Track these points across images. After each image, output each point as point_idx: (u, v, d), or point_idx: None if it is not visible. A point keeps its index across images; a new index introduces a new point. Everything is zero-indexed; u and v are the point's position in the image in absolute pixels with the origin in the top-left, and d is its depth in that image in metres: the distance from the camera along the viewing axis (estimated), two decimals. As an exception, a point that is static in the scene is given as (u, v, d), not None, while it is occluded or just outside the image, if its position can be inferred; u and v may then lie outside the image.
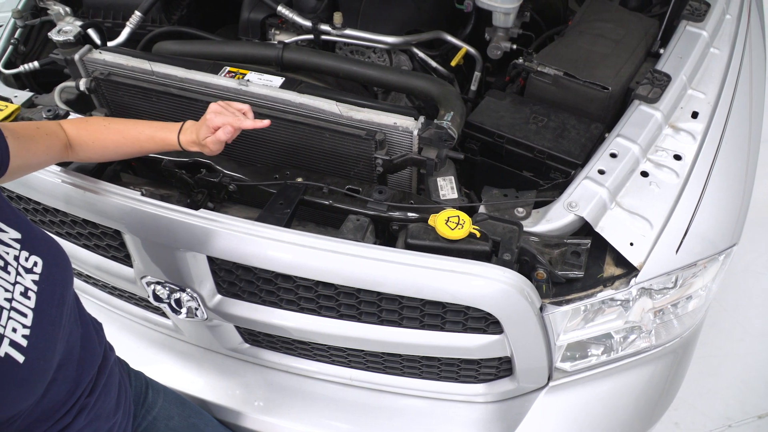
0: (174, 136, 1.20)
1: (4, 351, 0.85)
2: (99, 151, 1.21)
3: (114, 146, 1.21)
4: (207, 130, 1.17)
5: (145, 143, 1.21)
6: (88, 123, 1.20)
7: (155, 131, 1.21)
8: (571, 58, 1.56)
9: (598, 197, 1.29)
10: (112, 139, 1.20)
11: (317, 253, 1.16)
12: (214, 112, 1.17)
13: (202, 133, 1.17)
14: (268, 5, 1.75)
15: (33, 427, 0.97)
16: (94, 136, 1.19)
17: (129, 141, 1.20)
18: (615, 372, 1.46)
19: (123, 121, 1.23)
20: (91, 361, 1.08)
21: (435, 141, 1.30)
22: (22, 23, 1.73)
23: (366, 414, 1.50)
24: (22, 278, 0.92)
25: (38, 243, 0.97)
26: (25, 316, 0.90)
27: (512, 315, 1.19)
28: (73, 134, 1.17)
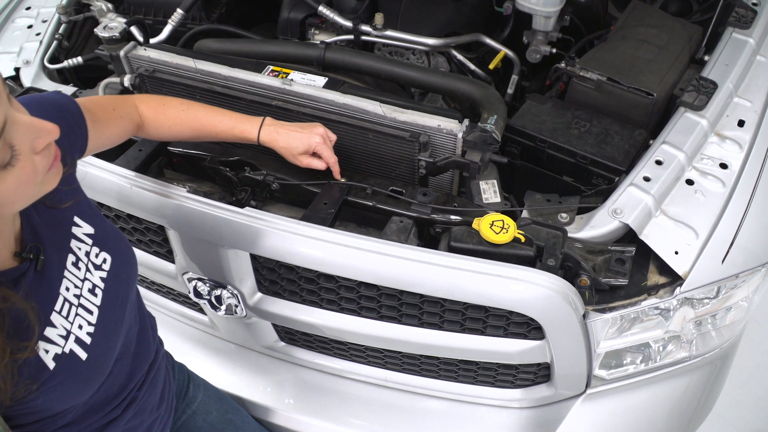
0: (254, 130, 1.22)
1: (69, 347, 0.86)
2: (173, 135, 1.23)
3: (190, 132, 1.22)
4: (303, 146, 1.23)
5: (222, 133, 1.23)
6: (166, 107, 1.20)
7: (235, 123, 1.22)
8: (614, 64, 1.54)
9: (643, 204, 1.28)
10: (189, 125, 1.21)
11: (362, 254, 1.16)
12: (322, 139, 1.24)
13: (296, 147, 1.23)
14: (308, 5, 1.76)
15: (85, 417, 0.98)
16: (171, 121, 1.19)
17: (206, 129, 1.22)
18: (652, 381, 1.45)
19: (201, 107, 1.23)
20: (145, 356, 1.09)
21: (479, 144, 1.30)
22: (66, 19, 1.76)
23: (399, 415, 1.50)
24: (91, 275, 0.93)
25: (109, 239, 0.98)
26: (91, 313, 0.91)
27: (555, 321, 1.19)
28: (149, 117, 1.17)
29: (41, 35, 1.72)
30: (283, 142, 1.23)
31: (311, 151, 1.25)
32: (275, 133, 1.23)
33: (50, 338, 0.85)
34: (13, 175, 0.70)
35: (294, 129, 1.25)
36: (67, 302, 0.88)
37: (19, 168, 0.70)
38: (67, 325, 0.87)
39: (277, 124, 1.25)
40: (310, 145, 1.24)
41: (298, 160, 1.25)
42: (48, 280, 0.87)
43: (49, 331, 0.85)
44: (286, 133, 1.24)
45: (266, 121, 1.24)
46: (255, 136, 1.23)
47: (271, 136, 1.23)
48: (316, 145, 1.24)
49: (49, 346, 0.84)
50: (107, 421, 1.02)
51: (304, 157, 1.25)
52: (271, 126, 1.24)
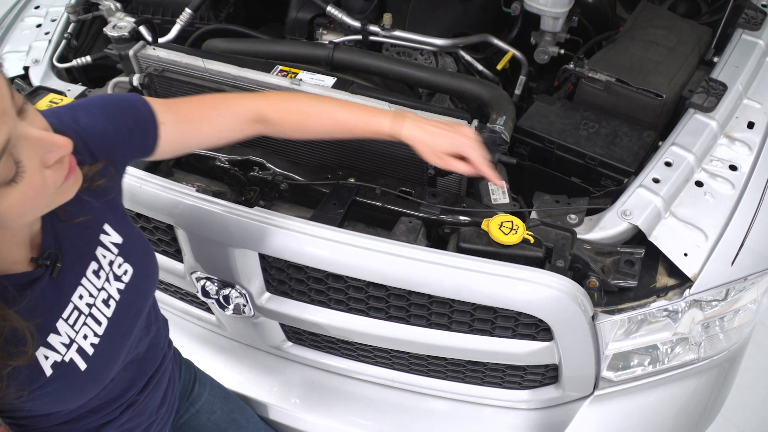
0: (395, 125, 1.10)
1: (69, 356, 0.86)
2: (302, 132, 1.14)
3: (319, 127, 1.13)
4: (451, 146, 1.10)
5: (356, 128, 1.12)
6: (293, 101, 1.11)
7: (371, 116, 1.12)
8: (623, 65, 1.54)
9: (652, 206, 1.28)
10: (322, 123, 1.12)
11: (371, 254, 1.16)
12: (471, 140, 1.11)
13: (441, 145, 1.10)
14: (316, 5, 1.76)
15: (81, 417, 0.98)
16: (301, 118, 1.10)
17: (340, 126, 1.12)
18: (660, 384, 1.44)
19: (331, 100, 1.15)
20: (152, 362, 1.09)
21: (488, 145, 1.29)
22: (75, 18, 1.76)
23: (406, 415, 1.50)
24: (109, 285, 0.92)
25: (135, 250, 0.96)
26: (99, 324, 0.90)
27: (564, 323, 1.19)
28: (273, 112, 1.10)
29: (50, 34, 1.72)
30: (426, 138, 1.10)
31: (458, 152, 1.11)
32: (419, 128, 1.11)
33: (52, 345, 0.84)
34: (18, 191, 0.68)
35: (439, 125, 1.12)
36: (76, 310, 0.87)
37: (26, 183, 0.68)
38: (72, 333, 0.86)
39: (418, 120, 1.12)
40: (457, 145, 1.10)
41: (442, 160, 1.11)
42: (61, 287, 0.86)
43: (52, 337, 0.84)
44: (430, 130, 1.11)
45: (407, 117, 1.12)
46: (394, 130, 1.10)
47: (413, 131, 1.10)
48: (464, 145, 1.10)
49: (50, 352, 0.84)
50: (103, 423, 1.01)
51: (448, 158, 1.11)
52: (412, 120, 1.11)
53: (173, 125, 1.00)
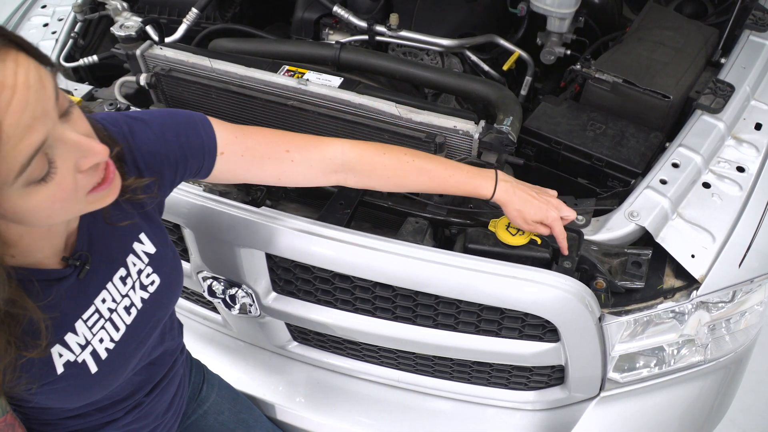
0: (489, 186, 1.11)
1: (82, 357, 0.86)
2: (392, 185, 1.11)
3: (413, 184, 1.10)
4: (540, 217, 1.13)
5: (452, 187, 1.11)
6: (386, 156, 1.07)
7: (468, 178, 1.10)
8: (630, 66, 1.53)
9: (659, 207, 1.27)
10: (415, 179, 1.08)
11: (378, 255, 1.16)
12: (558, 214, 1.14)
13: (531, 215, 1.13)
14: (323, 5, 1.76)
15: (88, 414, 0.98)
16: (391, 173, 1.07)
17: (435, 183, 1.10)
18: (666, 385, 1.44)
19: (428, 157, 1.11)
20: (162, 367, 1.09)
21: (495, 145, 1.29)
22: (82, 17, 1.76)
23: (411, 415, 1.50)
24: (134, 293, 0.93)
25: (165, 263, 0.97)
26: (117, 330, 0.91)
27: (571, 324, 1.19)
28: (363, 166, 1.06)
29: (57, 33, 1.73)
30: (518, 205, 1.13)
31: (545, 222, 1.14)
32: (512, 193, 1.12)
33: (68, 344, 0.85)
34: (47, 191, 0.69)
35: (530, 194, 1.14)
36: (97, 313, 0.88)
37: (56, 184, 0.69)
38: (89, 335, 0.87)
39: (512, 182, 1.13)
40: (546, 218, 1.14)
41: (527, 226, 1.15)
42: (86, 289, 0.87)
43: (69, 337, 0.85)
44: (522, 197, 1.13)
45: (500, 176, 1.12)
46: (489, 192, 1.11)
47: (507, 195, 1.12)
48: (553, 220, 1.14)
49: (65, 351, 0.85)
50: (106, 422, 1.02)
51: (534, 224, 1.15)
52: (507, 183, 1.12)
53: (234, 157, 0.97)
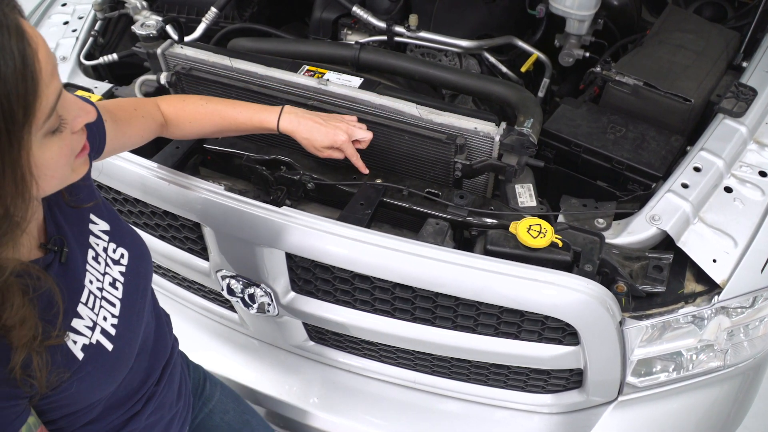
0: (273, 119, 1.21)
1: (96, 338, 0.89)
2: (196, 131, 1.23)
3: (211, 126, 1.22)
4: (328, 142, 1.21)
5: (243, 124, 1.22)
6: (186, 103, 1.21)
7: (254, 113, 1.22)
8: (651, 68, 1.53)
9: (681, 211, 1.27)
10: (210, 120, 1.21)
11: (399, 256, 1.16)
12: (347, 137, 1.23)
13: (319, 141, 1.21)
14: (342, 5, 1.76)
15: (107, 414, 0.99)
16: (192, 117, 1.20)
17: (227, 122, 1.22)
18: (683, 390, 1.43)
19: (219, 101, 1.24)
20: (162, 352, 1.11)
21: (516, 147, 1.29)
22: (102, 15, 1.77)
23: (427, 417, 1.50)
24: (111, 269, 0.95)
25: (125, 236, 1.00)
26: (113, 305, 0.93)
27: (592, 327, 1.18)
28: (171, 114, 1.18)
29: (77, 32, 1.73)
30: (305, 133, 1.22)
31: (335, 146, 1.24)
32: (296, 123, 1.21)
33: (77, 329, 0.87)
34: (59, 144, 0.73)
35: (317, 121, 1.23)
36: (92, 294, 0.90)
37: (62, 139, 0.74)
38: (93, 316, 0.89)
39: (298, 112, 1.23)
40: (335, 142, 1.23)
41: (320, 153, 1.24)
42: (72, 272, 0.89)
43: (76, 322, 0.87)
44: (308, 125, 1.22)
45: (285, 109, 1.23)
46: (275, 125, 1.21)
47: (291, 125, 1.21)
48: (342, 143, 1.23)
49: (77, 336, 0.87)
50: (128, 417, 1.03)
51: (326, 150, 1.24)
52: (292, 114, 1.22)
53: (111, 123, 1.04)
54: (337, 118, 1.26)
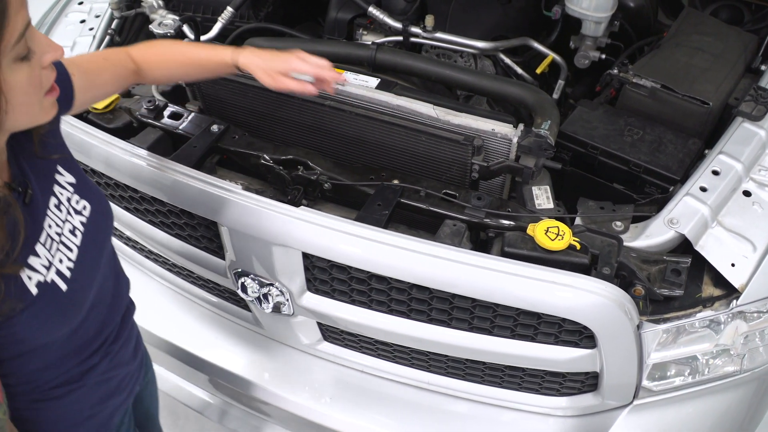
0: (230, 55, 1.25)
1: (50, 278, 0.93)
2: (165, 72, 1.28)
3: (177, 67, 1.27)
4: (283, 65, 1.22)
5: (204, 60, 1.27)
6: (154, 46, 1.27)
7: (214, 50, 1.28)
8: (668, 71, 1.52)
9: (699, 215, 1.26)
10: (176, 59, 1.27)
11: (417, 257, 1.16)
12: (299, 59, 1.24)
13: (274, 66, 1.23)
14: (357, 5, 1.76)
15: (63, 362, 1.03)
16: (160, 58, 1.25)
17: (190, 61, 1.27)
18: (699, 395, 1.42)
19: (183, 43, 1.32)
20: (118, 308, 1.14)
21: (534, 149, 1.29)
22: (119, 14, 1.78)
23: (439, 418, 1.49)
24: (72, 218, 0.99)
25: (89, 190, 1.05)
26: (71, 250, 0.98)
27: (610, 330, 1.18)
28: (140, 58, 1.23)
29: (94, 30, 1.74)
30: (261, 63, 1.24)
31: (291, 70, 1.23)
32: (252, 55, 1.25)
33: (33, 266, 0.90)
34: (28, 71, 0.80)
35: (272, 53, 1.27)
36: (50, 238, 0.94)
37: (32, 68, 0.80)
38: (49, 256, 0.93)
39: (254, 50, 1.27)
40: (290, 64, 1.23)
41: (277, 81, 1.23)
42: (34, 214, 0.93)
43: (32, 259, 0.91)
44: (264, 55, 1.25)
45: (243, 48, 1.28)
46: (233, 59, 1.25)
47: (247, 58, 1.24)
48: (297, 64, 1.23)
49: (33, 273, 0.90)
50: (85, 370, 1.06)
51: (282, 78, 1.23)
52: (248, 50, 1.26)
53: (80, 75, 1.10)
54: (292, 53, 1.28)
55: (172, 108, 1.47)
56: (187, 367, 1.69)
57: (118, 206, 1.51)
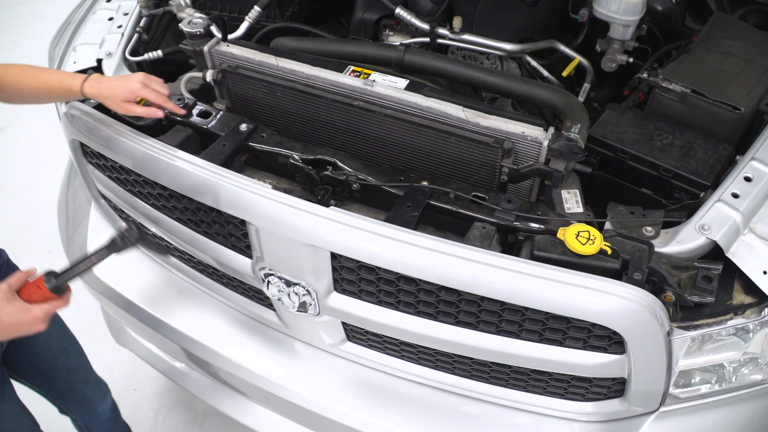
0: (77, 84, 1.32)
1: None
2: (16, 94, 1.33)
3: (29, 90, 1.32)
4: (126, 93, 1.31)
5: (55, 88, 1.33)
6: (8, 68, 1.31)
7: (63, 78, 1.34)
8: (698, 76, 1.51)
9: (731, 221, 1.25)
10: (28, 83, 1.32)
11: (447, 259, 1.16)
12: (141, 84, 1.31)
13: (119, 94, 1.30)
14: (384, 6, 1.76)
15: None
16: (12, 79, 1.30)
17: (41, 85, 1.32)
18: (725, 403, 1.41)
19: (38, 67, 1.35)
20: None
21: (565, 153, 1.28)
22: (147, 12, 1.79)
23: (463, 422, 1.49)
24: None
25: None
26: None
27: (640, 336, 1.17)
28: None
29: (123, 28, 1.75)
30: (107, 92, 1.31)
31: (135, 97, 1.32)
32: (98, 85, 1.32)
33: None
34: None
35: (114, 80, 1.34)
36: None
37: None
38: None
39: (99, 78, 1.34)
40: (132, 92, 1.31)
41: (123, 108, 1.33)
42: None
43: None
44: (108, 84, 1.32)
45: (90, 76, 1.34)
46: (78, 89, 1.32)
47: (93, 89, 1.32)
48: (138, 90, 1.31)
49: None
50: None
51: (127, 105, 1.32)
52: (93, 80, 1.32)
53: None
54: (132, 75, 1.36)
55: (200, 106, 1.47)
56: (204, 363, 1.70)
57: (145, 203, 1.52)
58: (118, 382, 2.45)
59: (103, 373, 2.35)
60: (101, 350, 2.50)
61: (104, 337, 2.51)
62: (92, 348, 2.28)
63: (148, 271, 1.79)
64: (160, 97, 1.34)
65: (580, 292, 1.12)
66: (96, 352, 2.40)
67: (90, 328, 2.48)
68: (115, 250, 1.26)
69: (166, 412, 2.39)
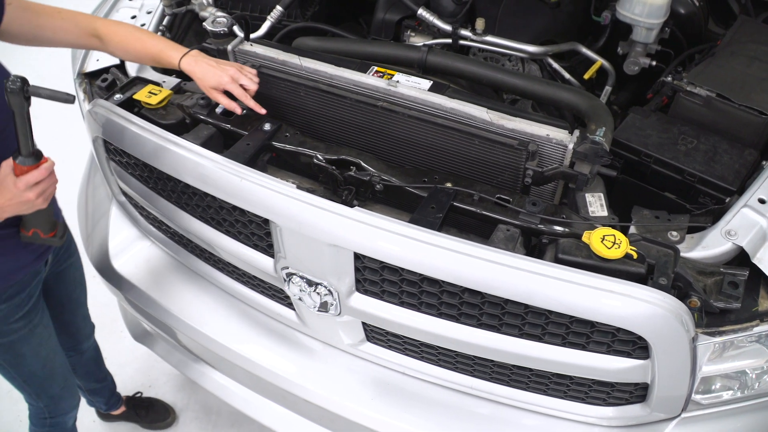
0: (177, 56, 1.38)
1: None
2: (121, 52, 1.44)
3: (133, 50, 1.41)
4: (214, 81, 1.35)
5: (155, 54, 1.40)
6: (119, 27, 1.41)
7: (164, 47, 1.40)
8: (724, 80, 1.50)
9: (758, 227, 1.24)
10: (133, 45, 1.40)
11: (471, 261, 1.15)
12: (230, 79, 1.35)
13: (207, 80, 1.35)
14: (405, 6, 1.76)
15: None
16: (120, 38, 1.38)
17: (145, 50, 1.40)
18: (747, 410, 1.40)
19: (145, 32, 1.45)
20: None
21: (590, 156, 1.27)
22: (170, 11, 1.80)
23: (483, 425, 1.49)
24: None
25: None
26: None
27: (666, 342, 1.16)
28: (105, 31, 1.37)
29: (145, 26, 1.76)
30: (199, 73, 1.36)
31: (221, 88, 1.37)
32: (194, 63, 1.37)
33: None
34: None
35: (210, 64, 1.38)
36: None
37: None
38: None
39: (198, 56, 1.38)
40: (220, 83, 1.36)
41: (208, 92, 1.39)
42: None
43: None
44: (203, 66, 1.36)
45: (191, 52, 1.39)
46: (177, 61, 1.37)
47: (190, 65, 1.37)
48: (226, 83, 1.36)
49: None
50: None
51: (214, 92, 1.37)
52: (191, 57, 1.38)
53: (17, 9, 1.23)
54: (230, 64, 1.41)
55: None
56: (222, 360, 1.70)
57: (168, 201, 1.52)
58: (134, 380, 2.47)
59: (118, 370, 2.37)
60: (117, 347, 2.52)
61: (120, 334, 2.53)
62: (108, 345, 2.30)
63: (164, 267, 1.80)
64: (243, 95, 1.38)
65: (605, 296, 1.12)
66: (112, 349, 2.43)
67: (106, 324, 2.50)
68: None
69: (180, 409, 2.40)
